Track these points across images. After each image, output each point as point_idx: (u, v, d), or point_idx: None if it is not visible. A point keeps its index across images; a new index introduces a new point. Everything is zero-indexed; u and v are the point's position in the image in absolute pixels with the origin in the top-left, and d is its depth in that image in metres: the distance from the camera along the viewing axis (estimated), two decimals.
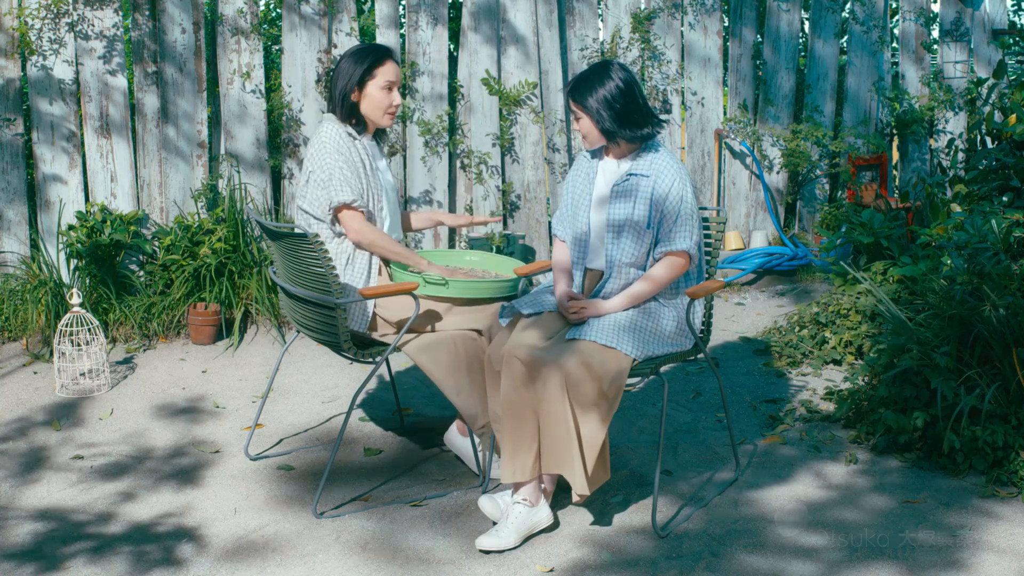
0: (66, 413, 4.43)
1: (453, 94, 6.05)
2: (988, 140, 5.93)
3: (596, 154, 3.61)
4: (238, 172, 5.69)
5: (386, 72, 3.73)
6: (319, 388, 4.72)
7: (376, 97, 3.73)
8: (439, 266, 3.80)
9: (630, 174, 3.46)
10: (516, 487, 3.39)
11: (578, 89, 3.46)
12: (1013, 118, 5.10)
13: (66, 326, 4.67)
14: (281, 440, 4.18)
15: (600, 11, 6.28)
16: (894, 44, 7.04)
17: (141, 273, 5.47)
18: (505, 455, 3.34)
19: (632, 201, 3.44)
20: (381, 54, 3.74)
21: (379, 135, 3.91)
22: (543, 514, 3.36)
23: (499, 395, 3.39)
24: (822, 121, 6.49)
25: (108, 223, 5.30)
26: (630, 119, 3.43)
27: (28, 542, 3.36)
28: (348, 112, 3.74)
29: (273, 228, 3.54)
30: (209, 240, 5.34)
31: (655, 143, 3.51)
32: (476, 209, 6.06)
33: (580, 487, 3.26)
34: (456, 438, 3.87)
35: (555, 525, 3.43)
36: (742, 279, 6.09)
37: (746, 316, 5.65)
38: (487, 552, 3.26)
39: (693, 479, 3.77)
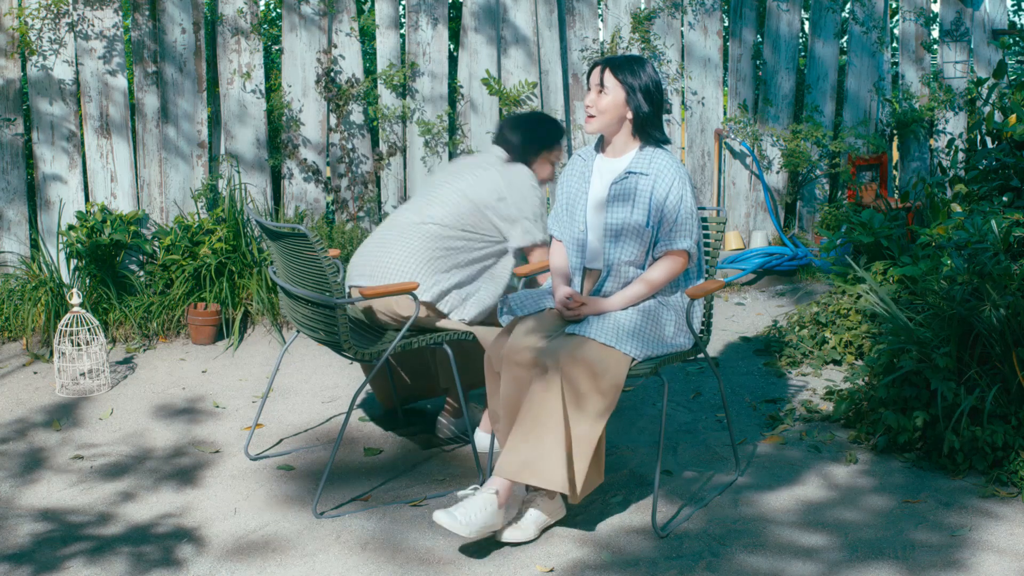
0: (66, 413, 4.43)
1: (453, 94, 6.05)
2: (988, 140, 5.93)
3: (591, 153, 3.59)
4: (238, 172, 5.69)
5: (559, 153, 4.06)
6: (319, 388, 4.72)
7: (546, 168, 4.02)
8: None
9: (629, 172, 3.45)
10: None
11: (621, 66, 3.42)
12: (1013, 118, 5.10)
13: (66, 326, 4.67)
14: (281, 440, 4.18)
15: (600, 11, 6.28)
16: (894, 44, 7.04)
17: (141, 273, 5.47)
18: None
19: (631, 203, 3.42)
20: (562, 134, 4.08)
21: None
22: (502, 516, 3.27)
23: (499, 396, 3.39)
24: (822, 121, 6.49)
25: (108, 223, 5.30)
26: (659, 118, 3.45)
27: (28, 543, 3.36)
28: (526, 162, 3.99)
29: (273, 228, 3.54)
30: (209, 240, 5.34)
31: None
32: None
33: (568, 493, 3.24)
34: (479, 433, 3.93)
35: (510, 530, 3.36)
36: (742, 279, 6.09)
37: (746, 316, 5.65)
38: (505, 542, 3.26)
39: (693, 479, 3.76)
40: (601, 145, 3.57)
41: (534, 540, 3.29)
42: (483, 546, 3.28)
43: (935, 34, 6.93)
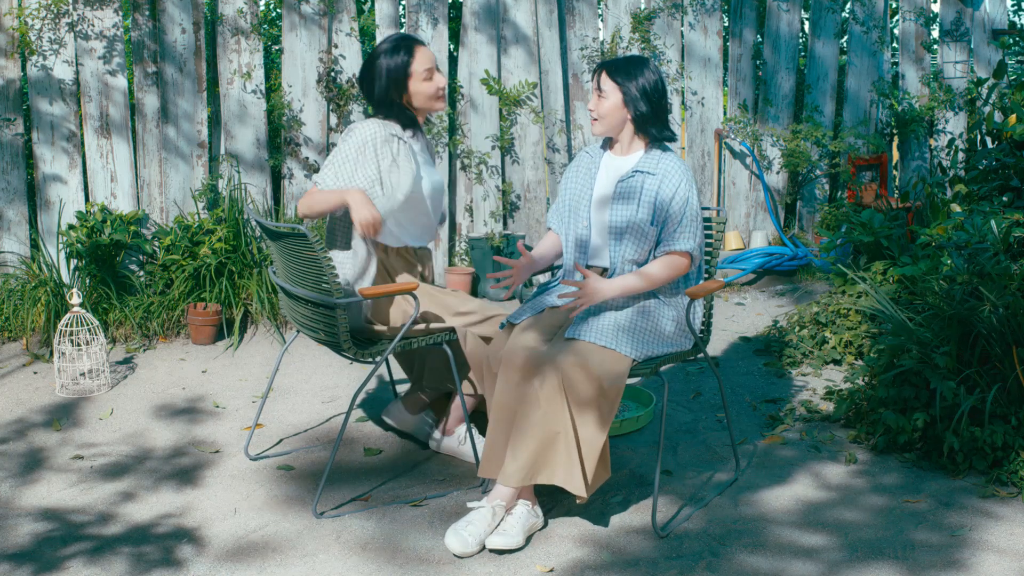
0: (66, 413, 4.43)
1: (453, 94, 6.05)
2: (988, 140, 5.93)
3: (599, 151, 3.60)
4: (238, 172, 5.69)
5: (422, 60, 3.67)
6: (319, 388, 4.72)
7: (422, 90, 3.68)
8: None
9: (636, 171, 3.45)
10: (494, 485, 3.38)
11: (618, 68, 3.42)
12: (1013, 118, 5.10)
13: (66, 326, 4.67)
14: (281, 440, 4.18)
15: (600, 11, 6.28)
16: (894, 44, 7.04)
17: (141, 273, 5.47)
18: (487, 452, 3.35)
19: (635, 202, 3.42)
20: (411, 43, 3.69)
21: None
22: (498, 520, 3.32)
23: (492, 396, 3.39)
24: (822, 121, 6.49)
25: (108, 223, 5.31)
26: (660, 117, 3.45)
27: (28, 543, 3.36)
28: (398, 111, 3.68)
29: (273, 228, 3.54)
30: (209, 240, 5.34)
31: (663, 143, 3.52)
32: (476, 209, 6.06)
33: (580, 491, 3.24)
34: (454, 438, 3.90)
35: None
36: (742, 279, 6.09)
37: (746, 316, 5.65)
38: (499, 552, 3.26)
39: (693, 479, 3.77)
40: (609, 143, 3.58)
41: (523, 547, 3.28)
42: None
43: (935, 34, 6.93)
